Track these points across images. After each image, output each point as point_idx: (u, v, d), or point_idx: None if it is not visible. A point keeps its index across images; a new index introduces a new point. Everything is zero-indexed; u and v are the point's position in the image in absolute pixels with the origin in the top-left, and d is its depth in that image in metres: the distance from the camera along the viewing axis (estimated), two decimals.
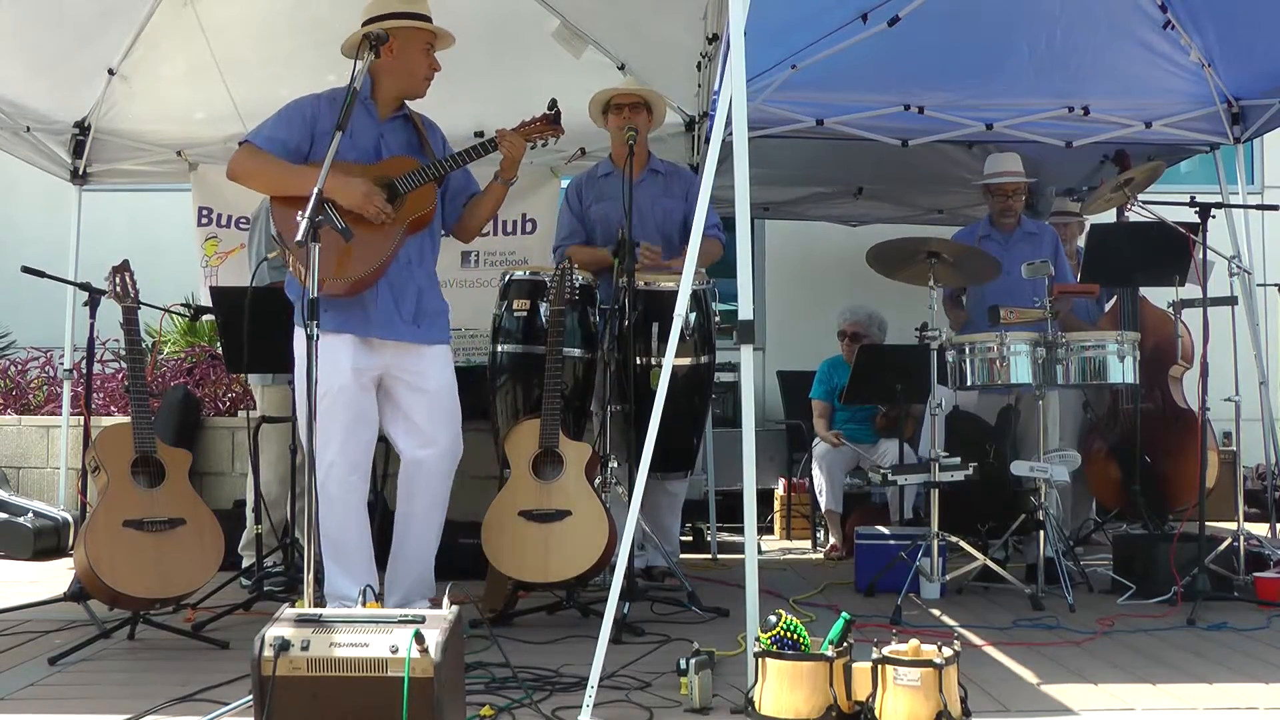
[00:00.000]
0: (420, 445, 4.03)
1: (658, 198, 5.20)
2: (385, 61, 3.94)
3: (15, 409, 7.46)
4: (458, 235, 4.35)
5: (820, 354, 6.84)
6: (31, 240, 8.34)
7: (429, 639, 2.53)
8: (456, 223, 4.26)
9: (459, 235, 4.35)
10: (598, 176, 5.30)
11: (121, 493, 3.92)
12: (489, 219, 4.35)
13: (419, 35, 3.99)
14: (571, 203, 5.33)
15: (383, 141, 4.03)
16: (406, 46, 3.97)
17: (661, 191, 5.21)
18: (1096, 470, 6.14)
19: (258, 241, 5.18)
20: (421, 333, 4.00)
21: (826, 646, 2.99)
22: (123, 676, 3.58)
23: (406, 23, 3.95)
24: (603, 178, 5.28)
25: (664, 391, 3.23)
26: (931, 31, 5.74)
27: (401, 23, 3.93)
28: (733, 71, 3.32)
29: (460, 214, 4.23)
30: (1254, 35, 5.96)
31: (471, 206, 4.23)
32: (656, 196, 5.20)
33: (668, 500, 5.12)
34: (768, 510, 7.49)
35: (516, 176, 4.20)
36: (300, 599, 3.27)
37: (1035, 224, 6.18)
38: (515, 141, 4.10)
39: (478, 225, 4.32)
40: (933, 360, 4.86)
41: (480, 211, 4.25)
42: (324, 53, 5.80)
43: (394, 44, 3.88)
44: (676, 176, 5.34)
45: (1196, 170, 8.34)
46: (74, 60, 6.05)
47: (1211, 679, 3.50)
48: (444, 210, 4.19)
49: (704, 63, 5.57)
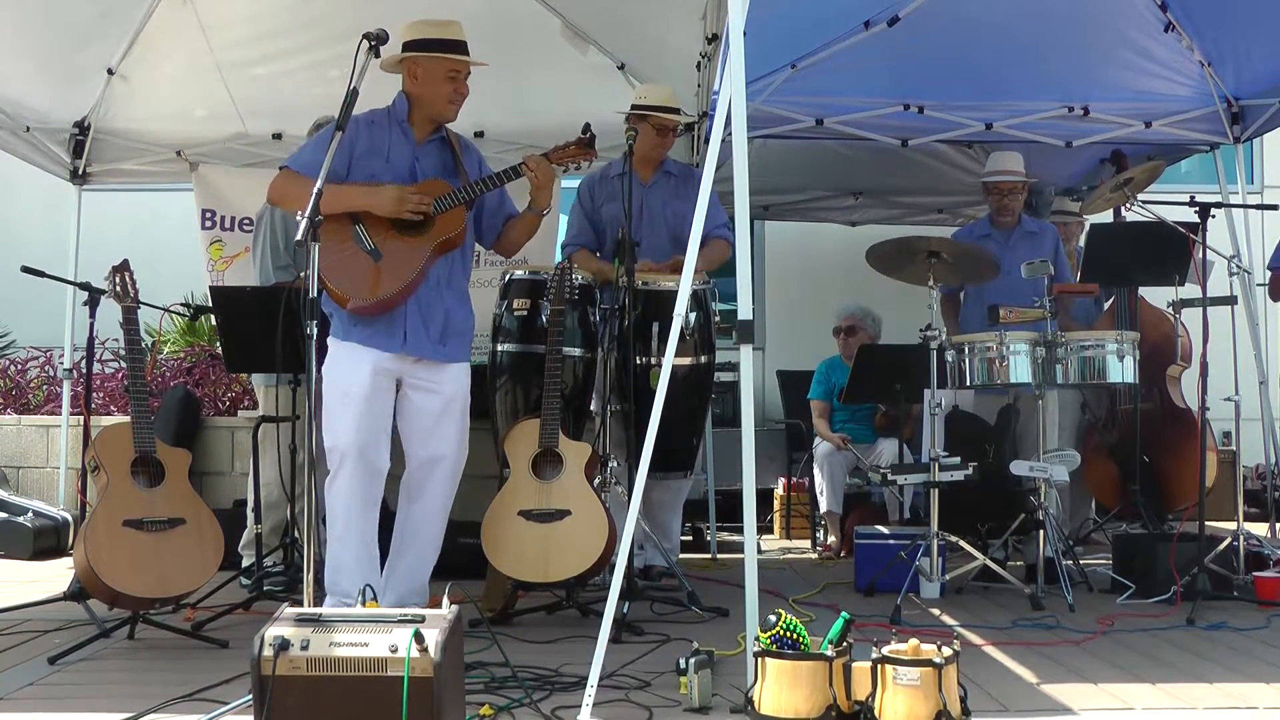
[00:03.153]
0: (426, 453, 4.10)
1: (669, 200, 5.19)
2: (412, 88, 4.07)
3: (15, 409, 7.46)
4: (500, 252, 4.46)
5: (820, 354, 6.84)
6: (31, 240, 8.33)
7: (429, 638, 2.53)
8: (496, 241, 4.33)
9: (501, 252, 4.46)
10: (610, 176, 5.28)
11: (121, 492, 3.92)
12: (524, 243, 4.41)
13: (440, 65, 4.03)
14: (583, 201, 5.32)
15: (418, 165, 4.09)
16: (428, 76, 4.04)
17: (673, 194, 5.20)
18: (1096, 470, 6.14)
19: (263, 243, 5.18)
20: (446, 351, 4.09)
21: (826, 646, 2.99)
22: (123, 676, 3.58)
23: (426, 54, 4.00)
24: (615, 177, 5.25)
25: (664, 391, 3.23)
26: (931, 31, 5.75)
27: (420, 54, 4.00)
28: (732, 72, 3.32)
29: (499, 232, 4.30)
30: (1254, 35, 5.96)
31: (507, 230, 4.30)
32: (668, 199, 5.20)
33: (669, 498, 5.13)
34: (767, 510, 7.49)
35: (549, 206, 4.25)
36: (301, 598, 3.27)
37: (1036, 223, 6.18)
38: (542, 167, 4.12)
39: (514, 248, 4.40)
40: (933, 360, 4.86)
41: (514, 236, 4.32)
42: (325, 50, 5.85)
43: (418, 71, 4.01)
44: (689, 179, 5.32)
45: (1196, 170, 8.35)
46: (73, 60, 6.05)
47: (1211, 678, 3.50)
48: (482, 228, 4.28)
49: (704, 63, 5.57)
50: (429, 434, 4.08)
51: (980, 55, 6.11)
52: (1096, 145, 6.58)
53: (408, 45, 4.01)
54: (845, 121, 6.23)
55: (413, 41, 4.01)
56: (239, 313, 4.80)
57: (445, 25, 4.05)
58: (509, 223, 4.29)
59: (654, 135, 5.06)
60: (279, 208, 4.27)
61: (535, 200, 4.17)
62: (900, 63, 6.04)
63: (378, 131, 4.06)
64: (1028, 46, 6.09)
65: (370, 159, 4.02)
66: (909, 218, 8.33)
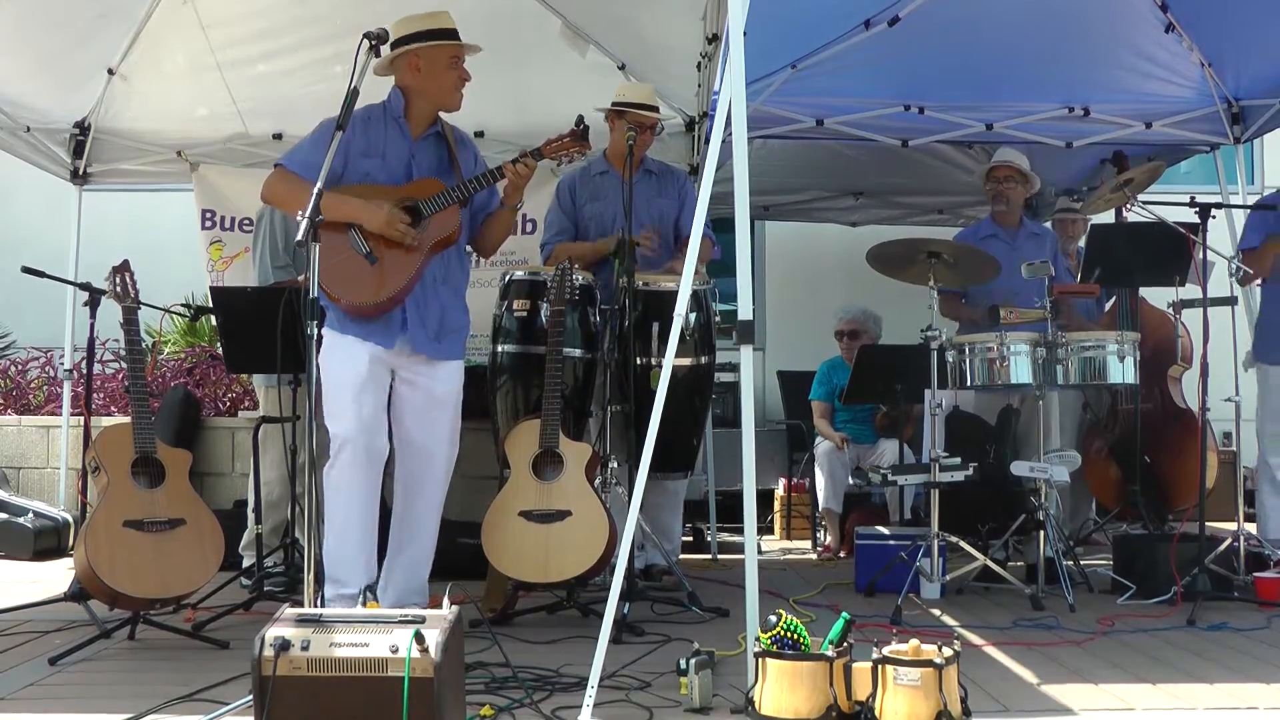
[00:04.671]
0: (419, 449, 4.12)
1: (652, 198, 5.19)
2: (415, 81, 4.07)
3: (15, 409, 7.46)
4: (479, 252, 4.47)
5: (820, 354, 6.84)
6: (32, 240, 8.32)
7: (429, 639, 2.53)
8: (476, 239, 4.34)
9: (478, 251, 4.47)
10: (592, 175, 5.28)
11: (121, 493, 3.92)
12: (501, 241, 4.42)
13: (442, 52, 4.06)
14: (563, 200, 5.29)
15: (414, 162, 4.11)
16: (432, 65, 4.06)
17: (656, 192, 5.21)
18: (1096, 470, 6.14)
19: (262, 243, 5.18)
20: (441, 348, 4.11)
21: (827, 646, 2.99)
22: (123, 676, 3.58)
23: (429, 44, 4.02)
24: (597, 176, 5.26)
25: (664, 392, 3.23)
26: (932, 32, 5.74)
27: (424, 44, 4.02)
28: (732, 72, 3.32)
29: (478, 230, 4.30)
30: (1254, 36, 5.95)
31: (483, 228, 4.30)
32: (651, 197, 5.19)
33: (669, 500, 5.13)
34: (768, 510, 7.48)
35: (522, 201, 4.26)
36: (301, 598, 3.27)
37: (1038, 226, 6.19)
38: (521, 171, 4.11)
39: (492, 246, 4.40)
40: (933, 360, 4.86)
41: (491, 234, 4.32)
42: (327, 47, 5.84)
43: (420, 63, 4.02)
44: (669, 177, 5.35)
45: (1196, 170, 8.34)
46: (73, 60, 6.04)
47: (1211, 679, 3.49)
48: (468, 225, 4.26)
49: (704, 63, 5.57)
50: (422, 430, 4.11)
51: (981, 56, 6.10)
52: (1097, 146, 6.57)
53: (403, 40, 4.01)
54: (846, 122, 6.23)
55: (409, 35, 4.02)
56: (239, 313, 4.80)
57: (435, 15, 4.08)
58: (487, 220, 4.29)
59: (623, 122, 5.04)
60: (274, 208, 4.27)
61: (507, 196, 4.18)
62: (901, 63, 6.03)
63: (374, 129, 4.07)
64: (1028, 47, 6.09)
65: (366, 158, 4.04)
66: (909, 218, 8.34)
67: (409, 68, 4.06)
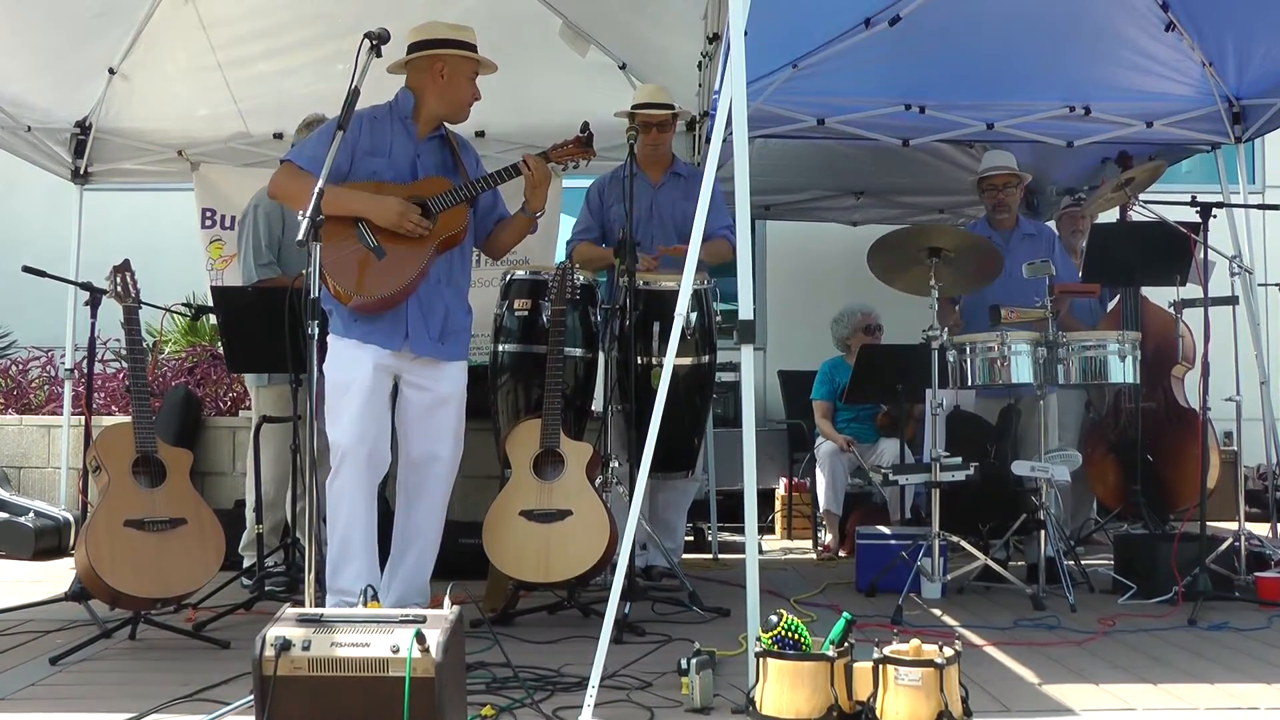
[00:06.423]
0: (423, 451, 4.11)
1: (678, 201, 5.22)
2: (434, 85, 4.07)
3: (16, 409, 7.46)
4: (487, 253, 4.45)
5: (820, 354, 6.84)
6: (33, 240, 8.33)
7: (430, 639, 2.53)
8: (486, 240, 4.34)
9: (488, 253, 4.45)
10: (619, 178, 5.29)
11: (122, 492, 3.92)
12: (513, 245, 4.42)
13: (467, 64, 4.07)
14: (592, 202, 5.38)
15: (419, 162, 4.11)
16: (455, 75, 4.06)
17: (682, 195, 5.22)
18: (1097, 470, 6.13)
19: (245, 241, 5.16)
20: (445, 349, 4.11)
21: (827, 646, 2.99)
22: (123, 676, 3.58)
23: (457, 52, 4.04)
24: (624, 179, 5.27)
25: (665, 391, 3.23)
26: (933, 31, 5.74)
27: (453, 52, 4.03)
28: (733, 71, 3.32)
29: (490, 231, 4.31)
30: (1255, 35, 5.95)
31: (497, 231, 4.31)
32: (677, 200, 5.22)
33: (675, 498, 5.13)
34: (769, 510, 7.48)
35: (543, 209, 4.26)
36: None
37: (1034, 224, 6.18)
38: (540, 167, 4.13)
39: (503, 249, 4.40)
40: (934, 360, 4.86)
41: (505, 238, 4.32)
42: (327, 47, 5.85)
43: (444, 70, 4.04)
44: (698, 180, 5.33)
45: (1197, 170, 8.34)
46: (74, 59, 6.05)
47: (1212, 679, 3.49)
48: (475, 228, 4.27)
49: (704, 62, 5.57)
50: (426, 432, 4.10)
51: (981, 55, 6.10)
52: (1098, 145, 6.57)
53: (429, 44, 4.02)
54: (846, 121, 6.23)
55: (438, 40, 4.03)
56: (240, 312, 4.80)
57: (463, 29, 4.09)
58: (499, 224, 4.30)
59: (642, 133, 5.06)
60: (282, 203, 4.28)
61: (530, 202, 4.18)
62: (901, 62, 6.03)
63: (380, 128, 4.07)
64: (1029, 46, 6.09)
65: (373, 157, 4.03)
66: (910, 217, 8.32)
67: (432, 71, 4.05)
